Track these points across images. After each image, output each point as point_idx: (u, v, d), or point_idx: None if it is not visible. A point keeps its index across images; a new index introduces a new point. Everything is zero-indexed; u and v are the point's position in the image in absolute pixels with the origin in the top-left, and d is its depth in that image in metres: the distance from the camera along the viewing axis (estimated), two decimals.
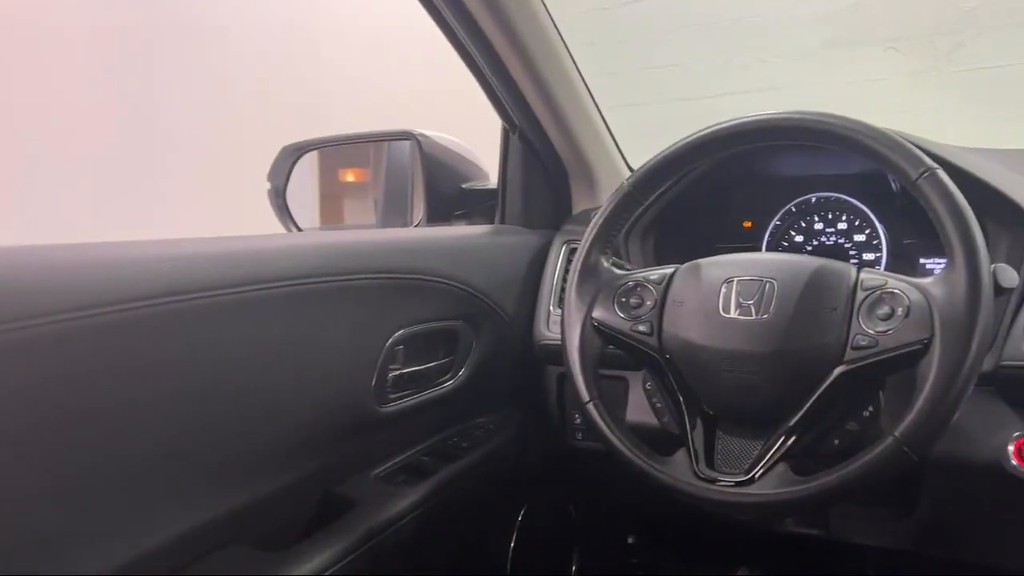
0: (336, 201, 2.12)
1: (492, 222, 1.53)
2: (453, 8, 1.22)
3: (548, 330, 1.31)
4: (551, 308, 1.32)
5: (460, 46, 1.30)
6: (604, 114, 1.50)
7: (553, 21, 1.32)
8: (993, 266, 0.81)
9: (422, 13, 1.25)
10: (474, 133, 1.58)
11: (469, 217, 1.56)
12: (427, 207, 1.51)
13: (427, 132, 1.53)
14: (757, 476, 0.84)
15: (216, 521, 0.85)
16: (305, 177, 1.68)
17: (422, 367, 1.17)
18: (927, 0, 3.44)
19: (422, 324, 1.14)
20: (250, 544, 0.88)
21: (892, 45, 3.52)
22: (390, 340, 1.08)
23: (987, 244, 0.82)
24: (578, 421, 1.33)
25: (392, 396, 1.10)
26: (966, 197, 0.82)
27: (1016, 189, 1.03)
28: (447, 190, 1.54)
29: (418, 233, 1.41)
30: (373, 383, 1.05)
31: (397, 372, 1.11)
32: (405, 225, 1.60)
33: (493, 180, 1.56)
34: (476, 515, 1.28)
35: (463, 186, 1.57)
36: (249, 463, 0.89)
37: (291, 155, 1.64)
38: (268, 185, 1.64)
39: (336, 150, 1.79)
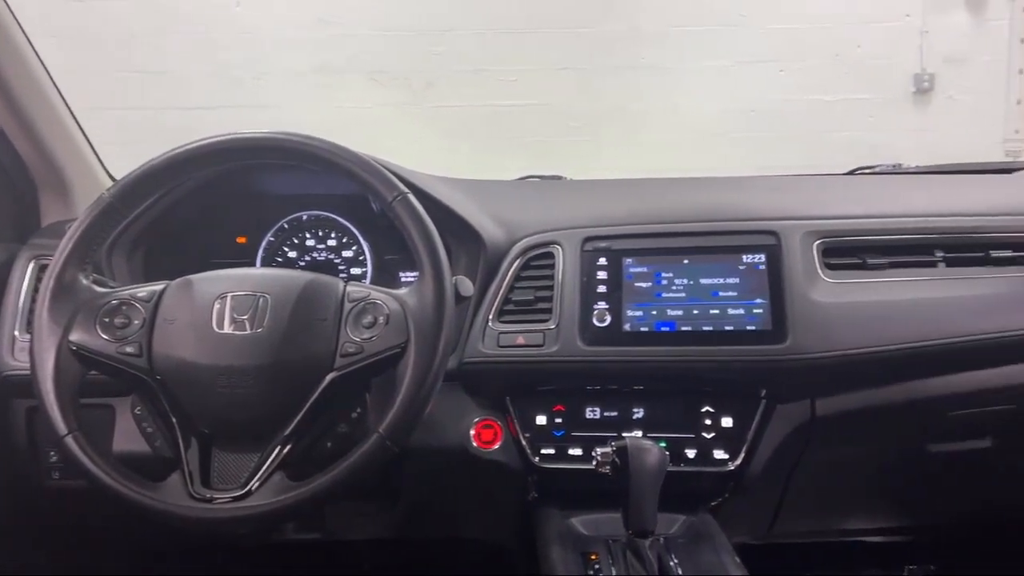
0: None
1: None
2: None
3: (13, 359, 1.15)
4: (16, 334, 1.16)
5: None
6: (78, 116, 1.36)
7: (7, 3, 1.15)
8: (454, 278, 0.95)
9: None
10: None
11: None
12: None
13: None
14: (254, 488, 0.85)
15: None
16: None
17: None
18: (403, 39, 3.83)
19: None
20: None
21: (375, 77, 3.85)
22: None
23: (449, 259, 0.95)
24: (54, 458, 1.18)
25: None
26: (432, 219, 0.95)
27: (472, 213, 1.21)
28: None
29: None
30: None
31: None
32: None
33: None
34: None
35: None
36: None
37: None
38: None
39: None
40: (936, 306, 1.11)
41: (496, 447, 1.15)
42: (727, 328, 1.11)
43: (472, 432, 1.14)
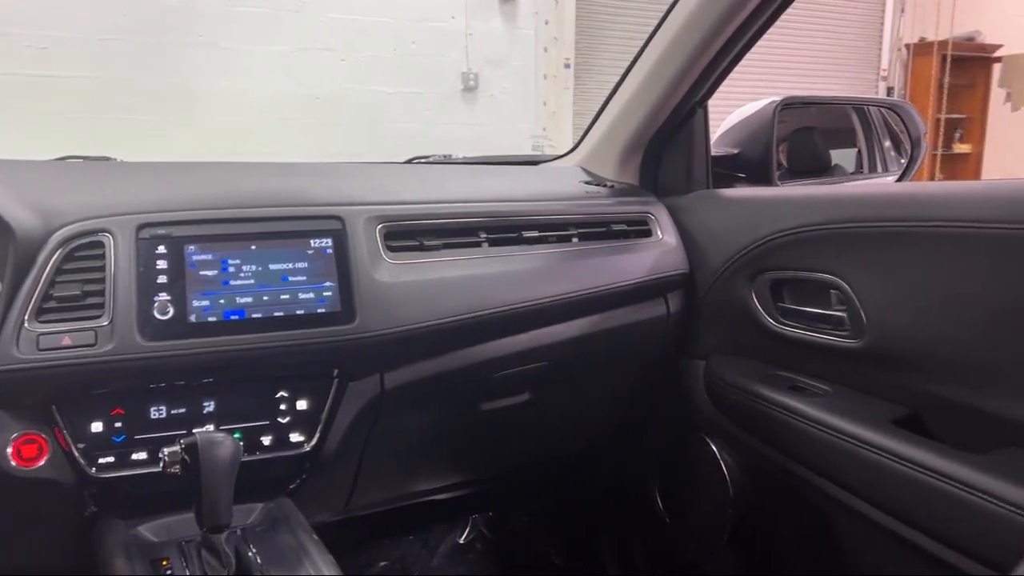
0: None
1: None
2: None
3: None
4: None
5: None
6: None
7: None
8: None
9: None
10: None
11: None
12: None
13: None
14: None
15: None
16: None
17: None
18: None
19: None
20: None
21: None
22: None
23: None
24: None
25: None
26: None
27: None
28: None
29: None
30: None
31: None
32: None
33: None
34: None
35: None
36: None
37: None
38: None
39: None
40: (481, 281, 1.26)
41: (42, 463, 1.01)
42: (298, 312, 1.12)
43: (9, 450, 0.99)
